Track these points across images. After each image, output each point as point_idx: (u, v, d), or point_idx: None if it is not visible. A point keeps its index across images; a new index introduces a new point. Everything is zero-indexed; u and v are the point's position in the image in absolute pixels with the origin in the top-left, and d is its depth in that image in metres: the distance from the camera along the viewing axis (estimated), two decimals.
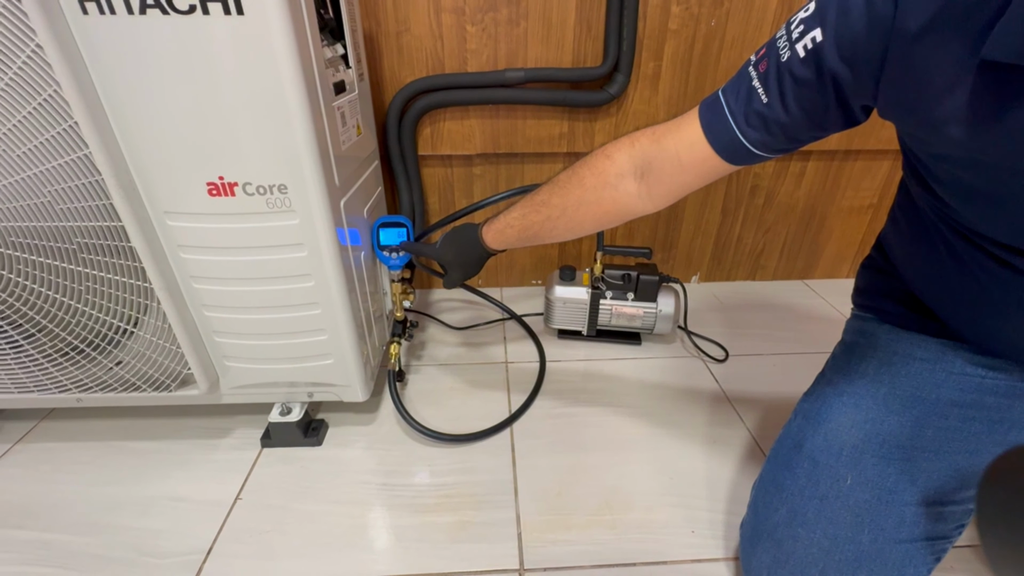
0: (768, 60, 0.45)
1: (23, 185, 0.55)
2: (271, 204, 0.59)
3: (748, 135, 0.48)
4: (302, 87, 0.53)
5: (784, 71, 0.44)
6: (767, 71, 0.45)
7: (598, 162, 0.58)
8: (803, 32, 0.42)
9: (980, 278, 0.47)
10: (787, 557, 0.53)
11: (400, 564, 0.63)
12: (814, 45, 0.41)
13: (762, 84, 0.46)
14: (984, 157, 0.38)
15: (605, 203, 0.59)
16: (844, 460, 0.53)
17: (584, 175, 0.59)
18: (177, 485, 0.73)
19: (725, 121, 0.49)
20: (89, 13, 0.48)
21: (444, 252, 0.76)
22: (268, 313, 0.67)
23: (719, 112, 0.50)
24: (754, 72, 0.47)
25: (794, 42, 0.43)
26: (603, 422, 0.85)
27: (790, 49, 0.43)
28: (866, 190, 1.19)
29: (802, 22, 0.43)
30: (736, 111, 0.48)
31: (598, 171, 0.58)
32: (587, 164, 0.59)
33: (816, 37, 0.41)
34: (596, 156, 0.59)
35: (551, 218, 0.63)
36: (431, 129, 1.05)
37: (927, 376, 0.54)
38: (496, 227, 0.69)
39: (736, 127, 0.48)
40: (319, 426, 0.82)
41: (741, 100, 0.48)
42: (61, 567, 0.62)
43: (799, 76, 0.43)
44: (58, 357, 0.68)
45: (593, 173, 0.59)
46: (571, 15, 0.95)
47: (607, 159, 0.58)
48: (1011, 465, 0.36)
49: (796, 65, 0.43)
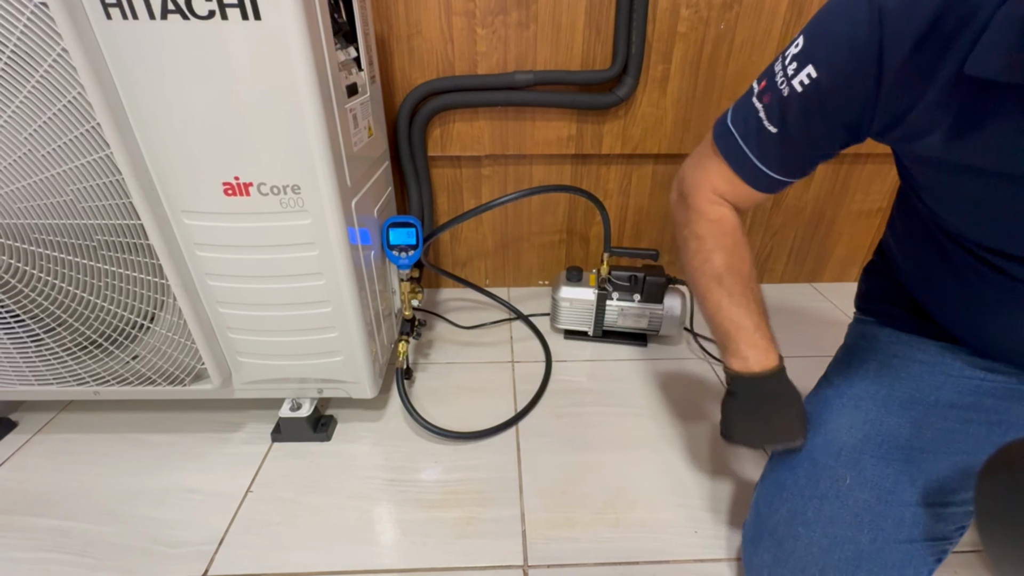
0: (771, 94, 0.48)
1: (47, 184, 0.57)
2: (284, 204, 0.60)
3: (771, 167, 0.51)
4: (316, 90, 0.55)
5: (786, 104, 0.46)
6: (771, 104, 0.48)
7: (728, 240, 0.57)
8: (797, 69, 0.45)
9: (973, 283, 0.48)
10: (787, 556, 0.54)
11: (406, 558, 0.64)
12: (810, 81, 0.44)
13: (767, 116, 0.48)
14: (970, 166, 0.40)
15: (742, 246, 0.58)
16: (843, 460, 0.54)
17: (739, 251, 0.58)
18: (190, 477, 0.75)
19: (756, 169, 0.52)
20: (113, 18, 0.49)
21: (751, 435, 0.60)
22: (280, 310, 0.68)
23: (747, 162, 0.52)
24: (759, 104, 0.49)
25: (790, 78, 0.45)
26: (608, 422, 0.86)
27: (787, 85, 0.46)
28: (876, 193, 1.19)
29: (794, 59, 0.45)
30: (754, 150, 0.51)
31: (739, 241, 0.58)
32: (728, 250, 0.57)
33: (811, 73, 0.44)
34: (725, 236, 0.57)
35: (751, 281, 0.58)
36: (441, 130, 1.06)
37: (926, 378, 0.55)
38: (770, 340, 0.58)
39: (764, 167, 0.52)
40: (328, 422, 0.83)
41: (754, 136, 0.50)
42: (79, 554, 0.64)
43: (801, 109, 0.46)
44: (77, 351, 0.70)
45: (738, 244, 0.58)
46: (580, 18, 0.96)
47: (735, 227, 0.57)
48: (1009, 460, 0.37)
49: (795, 100, 0.45)
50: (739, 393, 0.58)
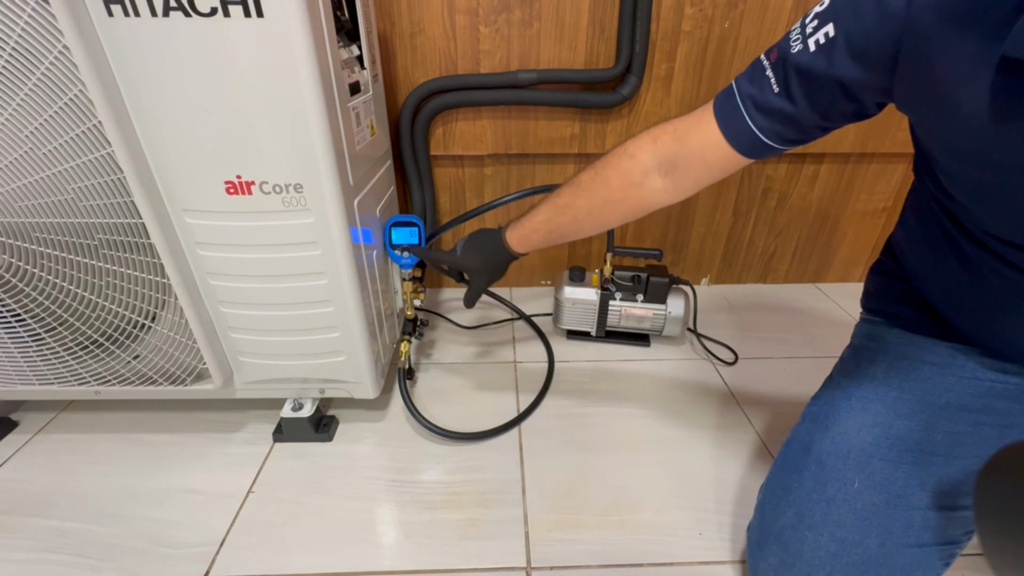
0: (779, 50, 0.46)
1: (48, 182, 0.57)
2: (287, 203, 0.60)
3: (761, 126, 0.49)
4: (319, 89, 0.54)
5: (792, 64, 0.45)
6: (777, 61, 0.46)
7: (621, 162, 0.59)
8: (816, 27, 0.43)
9: (990, 280, 0.47)
10: (794, 560, 0.53)
11: (409, 560, 0.64)
12: (826, 40, 0.42)
13: (774, 73, 0.47)
14: (998, 155, 0.38)
15: (632, 200, 0.60)
16: (852, 463, 0.53)
17: (608, 176, 0.60)
18: (191, 477, 0.75)
19: (741, 118, 0.50)
20: (114, 15, 0.49)
21: (467, 258, 0.75)
22: (282, 310, 0.68)
23: (734, 107, 0.50)
24: (766, 61, 0.47)
25: (807, 36, 0.43)
26: (611, 423, 0.85)
27: (802, 43, 0.44)
28: (880, 193, 1.18)
29: (816, 16, 0.43)
30: (748, 101, 0.49)
31: (623, 171, 0.59)
32: (610, 165, 0.60)
33: (829, 32, 0.42)
34: (618, 156, 0.59)
35: (577, 219, 0.64)
36: (443, 129, 1.06)
37: (937, 380, 0.54)
38: (520, 231, 0.69)
39: (750, 120, 0.49)
40: (330, 422, 0.83)
41: (754, 88, 0.49)
42: (78, 555, 0.64)
43: (806, 70, 0.44)
44: (78, 350, 0.69)
45: (617, 174, 0.59)
46: (584, 16, 0.95)
47: (631, 159, 0.58)
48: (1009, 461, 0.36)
49: (805, 59, 0.44)
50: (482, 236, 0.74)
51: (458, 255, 0.76)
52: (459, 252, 0.76)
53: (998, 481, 0.37)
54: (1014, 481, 0.36)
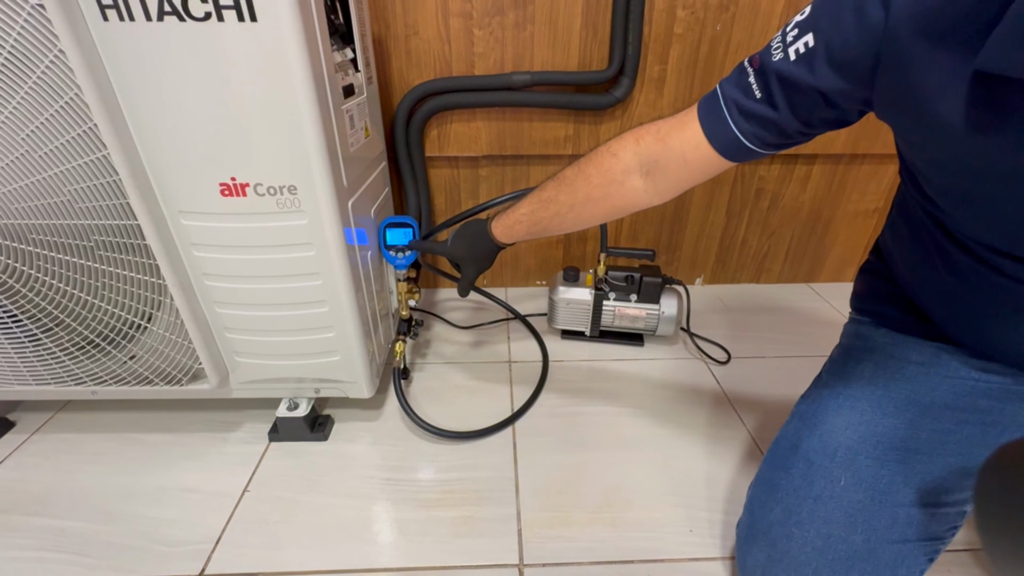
0: (761, 58, 0.47)
1: (44, 184, 0.57)
2: (281, 204, 0.61)
3: (743, 130, 0.50)
4: (313, 91, 0.55)
5: (772, 72, 0.46)
6: (759, 68, 0.47)
7: (604, 160, 0.60)
8: (796, 36, 0.44)
9: (973, 283, 0.48)
10: (781, 556, 0.54)
11: (403, 557, 0.64)
12: (806, 49, 0.43)
13: (756, 79, 0.48)
14: (977, 163, 0.39)
15: (612, 199, 0.61)
16: (838, 461, 0.54)
17: (591, 173, 0.61)
18: (188, 476, 0.75)
19: (724, 121, 0.51)
20: (109, 20, 0.50)
21: (455, 248, 0.78)
22: (277, 310, 0.69)
23: (718, 111, 0.51)
24: (750, 67, 0.48)
25: (788, 45, 0.44)
26: (605, 421, 0.86)
27: (783, 51, 0.45)
28: (872, 194, 1.19)
29: (797, 25, 0.44)
30: (731, 105, 0.50)
31: (604, 169, 0.60)
32: (592, 162, 0.61)
33: (808, 42, 0.42)
34: (601, 154, 0.60)
35: (559, 214, 0.65)
36: (438, 131, 1.06)
37: (922, 379, 0.55)
38: (505, 223, 0.71)
39: (733, 124, 0.50)
40: (325, 421, 0.83)
41: (738, 92, 0.49)
42: (76, 553, 0.65)
43: (787, 78, 0.45)
44: (74, 351, 0.70)
45: (600, 171, 0.60)
46: (577, 19, 0.96)
47: (613, 157, 0.59)
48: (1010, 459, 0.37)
49: (786, 67, 0.44)
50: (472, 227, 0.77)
51: (448, 246, 0.79)
52: (449, 243, 0.79)
53: (999, 480, 0.37)
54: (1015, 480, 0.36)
